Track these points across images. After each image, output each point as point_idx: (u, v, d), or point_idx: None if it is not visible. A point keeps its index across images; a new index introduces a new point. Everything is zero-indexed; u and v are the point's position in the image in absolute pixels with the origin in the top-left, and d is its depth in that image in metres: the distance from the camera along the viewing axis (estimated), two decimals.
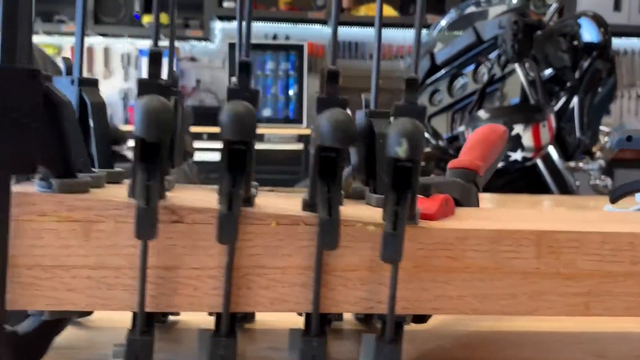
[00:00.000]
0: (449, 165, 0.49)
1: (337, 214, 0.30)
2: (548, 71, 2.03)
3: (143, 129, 0.28)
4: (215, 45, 4.22)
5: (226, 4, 4.01)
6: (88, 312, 0.44)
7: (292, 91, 3.95)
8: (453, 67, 2.31)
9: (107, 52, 4.23)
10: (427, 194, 0.40)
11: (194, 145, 3.34)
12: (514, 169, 1.91)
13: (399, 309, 0.36)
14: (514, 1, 2.26)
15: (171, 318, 0.46)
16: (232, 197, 0.30)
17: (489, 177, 0.52)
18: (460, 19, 2.44)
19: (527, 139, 1.81)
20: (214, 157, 3.56)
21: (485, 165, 0.50)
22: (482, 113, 1.91)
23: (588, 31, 1.93)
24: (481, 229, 0.36)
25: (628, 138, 0.48)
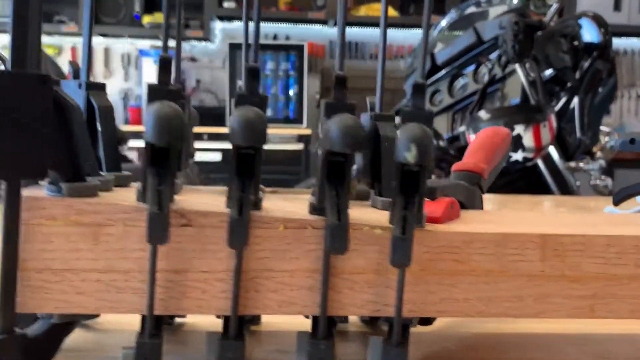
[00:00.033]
0: (453, 167, 0.49)
1: (347, 219, 0.30)
2: (548, 71, 2.03)
3: (155, 135, 0.28)
4: (215, 45, 4.22)
5: (226, 4, 4.01)
6: (95, 315, 0.44)
7: (292, 91, 3.95)
8: (453, 68, 2.31)
9: (107, 52, 4.23)
10: (433, 197, 0.40)
11: (194, 145, 3.34)
12: (515, 169, 1.91)
13: (406, 312, 0.36)
14: (515, 1, 2.26)
15: (178, 320, 0.47)
16: (242, 202, 0.30)
17: (493, 180, 0.52)
18: (460, 19, 2.44)
19: (528, 140, 1.81)
20: (214, 158, 3.57)
21: (489, 168, 0.50)
22: (483, 113, 1.91)
23: (588, 31, 1.93)
24: (486, 233, 0.37)
25: (631, 141, 0.48)
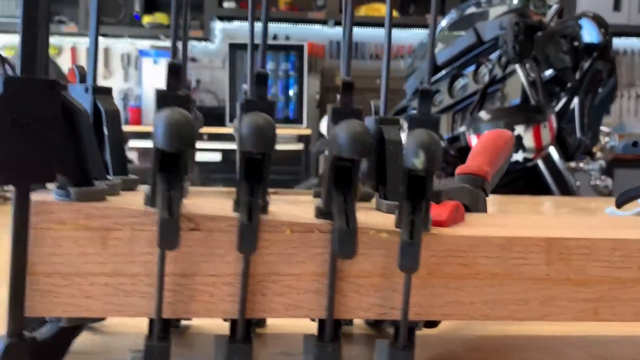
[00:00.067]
0: (457, 170, 0.49)
1: (355, 224, 0.30)
2: (549, 72, 2.03)
3: (165, 141, 0.28)
4: (215, 45, 4.23)
5: (226, 4, 4.02)
6: (102, 318, 0.44)
7: (292, 91, 3.96)
8: (454, 68, 2.31)
9: (107, 53, 4.23)
10: (438, 201, 0.40)
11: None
12: (515, 170, 1.92)
13: (412, 315, 0.36)
14: (515, 2, 2.27)
15: (184, 323, 0.47)
16: (252, 207, 0.31)
17: (496, 183, 0.53)
18: (460, 20, 2.44)
19: (528, 140, 1.81)
20: (214, 158, 3.57)
21: (492, 170, 0.51)
22: (483, 114, 1.92)
23: (589, 32, 1.94)
24: (492, 236, 0.37)
25: (634, 144, 0.48)
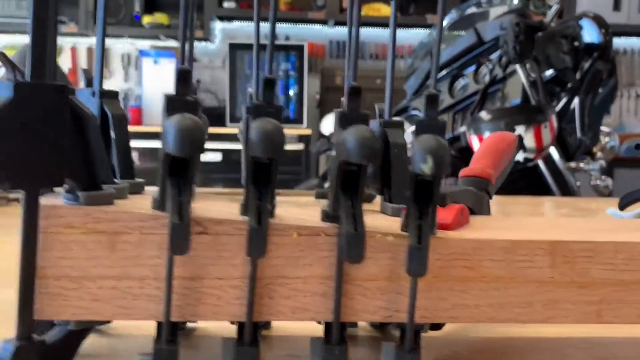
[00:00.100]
0: (461, 173, 0.50)
1: (363, 229, 0.31)
2: (549, 72, 2.04)
3: (176, 147, 0.29)
4: (215, 45, 4.23)
5: (226, 4, 4.01)
6: (109, 320, 0.44)
7: (292, 91, 3.96)
8: (454, 68, 2.31)
9: (107, 53, 4.23)
10: (443, 204, 0.40)
11: None
12: (515, 170, 1.92)
13: (418, 318, 0.36)
14: (515, 2, 2.27)
15: (189, 325, 0.47)
16: (261, 212, 0.31)
17: (499, 185, 0.53)
18: (461, 20, 2.45)
19: (529, 140, 1.82)
20: (215, 158, 3.57)
21: (496, 173, 0.51)
22: (484, 114, 1.92)
23: (589, 32, 1.94)
24: (497, 239, 0.37)
25: (637, 146, 0.49)
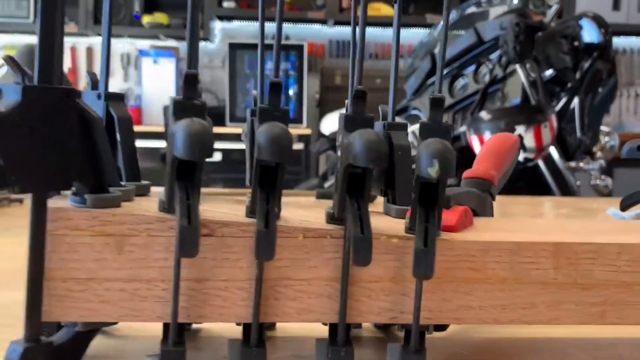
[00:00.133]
0: (464, 175, 0.50)
1: (370, 231, 0.31)
2: (549, 72, 2.04)
3: (185, 151, 0.29)
4: (215, 45, 4.23)
5: (226, 4, 4.01)
6: (115, 322, 0.44)
7: (292, 91, 3.95)
8: (454, 68, 2.32)
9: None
10: (447, 206, 0.41)
11: None
12: (515, 170, 1.92)
13: (423, 320, 0.37)
14: (515, 2, 2.27)
15: (194, 326, 0.47)
16: (269, 215, 0.31)
17: (502, 186, 0.53)
18: (461, 19, 2.45)
19: (529, 140, 1.82)
20: (215, 158, 3.57)
21: (498, 174, 0.51)
22: (484, 114, 1.92)
23: (589, 32, 1.94)
24: (502, 241, 0.37)
25: (639, 147, 0.49)
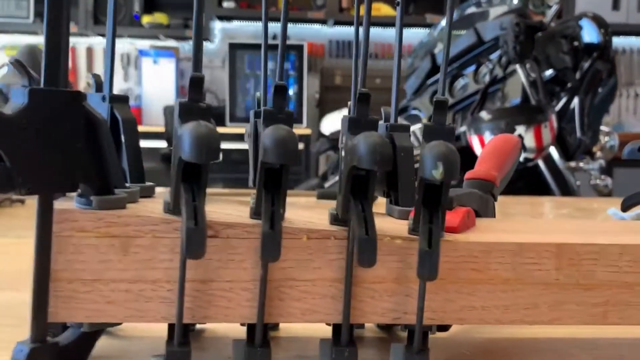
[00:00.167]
0: (466, 176, 0.50)
1: (374, 233, 0.31)
2: (549, 72, 2.04)
3: (193, 154, 0.29)
4: (214, 45, 4.23)
5: (225, 4, 4.01)
6: (120, 322, 0.45)
7: (292, 91, 3.96)
8: (454, 68, 2.32)
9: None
10: (450, 207, 0.41)
11: None
12: (516, 170, 1.92)
13: (426, 320, 0.37)
14: (515, 2, 2.27)
15: (198, 326, 0.48)
16: (274, 216, 0.32)
17: (504, 187, 0.54)
18: (460, 19, 2.45)
19: (529, 140, 1.82)
20: None
21: (500, 175, 0.51)
22: (484, 114, 1.93)
23: (589, 32, 1.95)
24: (504, 242, 0.38)
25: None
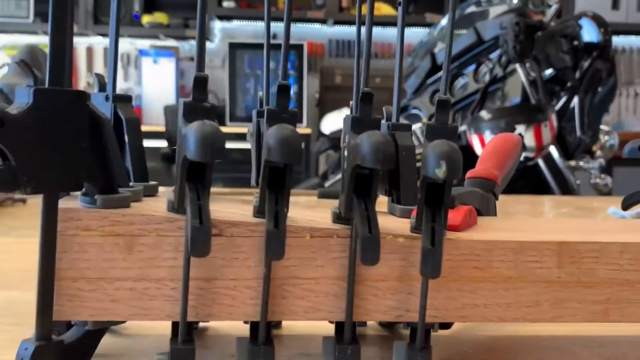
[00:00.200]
0: (467, 175, 0.50)
1: (378, 231, 0.31)
2: (549, 71, 2.05)
3: (198, 153, 0.29)
4: (214, 44, 4.23)
5: (225, 4, 4.02)
6: (123, 320, 0.45)
7: (292, 90, 3.95)
8: (454, 67, 2.32)
9: (107, 52, 4.23)
10: (452, 206, 0.41)
11: None
12: (516, 169, 1.92)
13: (428, 318, 0.37)
14: (515, 1, 2.28)
15: (201, 325, 0.48)
16: (278, 215, 0.32)
17: (505, 186, 0.54)
18: (460, 19, 2.45)
19: (529, 139, 1.82)
20: None
21: (501, 174, 0.52)
22: (484, 113, 1.93)
23: (588, 32, 1.95)
24: (506, 240, 0.38)
25: None
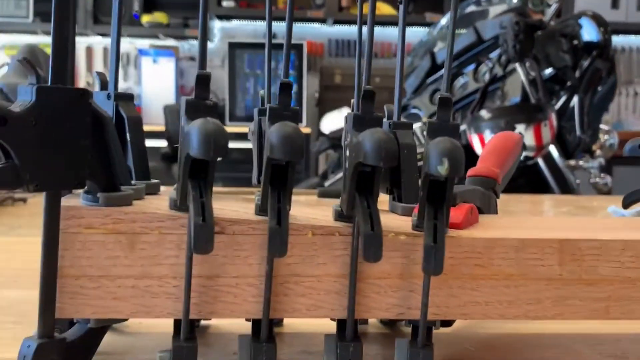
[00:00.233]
0: (468, 173, 0.51)
1: (380, 229, 0.31)
2: (548, 70, 2.05)
3: (201, 151, 0.29)
4: (214, 44, 4.23)
5: (225, 4, 4.01)
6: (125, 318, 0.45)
7: (292, 90, 3.96)
8: (453, 67, 2.32)
9: (107, 52, 4.23)
10: (453, 203, 0.41)
11: None
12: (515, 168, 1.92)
13: (430, 315, 0.37)
14: (514, 0, 2.28)
15: (203, 322, 0.48)
16: (281, 212, 0.32)
17: (505, 184, 0.54)
18: (460, 18, 2.45)
19: (529, 139, 1.82)
20: None
21: (502, 172, 0.52)
22: (484, 113, 1.93)
23: (588, 31, 1.95)
24: (507, 238, 0.38)
25: None
